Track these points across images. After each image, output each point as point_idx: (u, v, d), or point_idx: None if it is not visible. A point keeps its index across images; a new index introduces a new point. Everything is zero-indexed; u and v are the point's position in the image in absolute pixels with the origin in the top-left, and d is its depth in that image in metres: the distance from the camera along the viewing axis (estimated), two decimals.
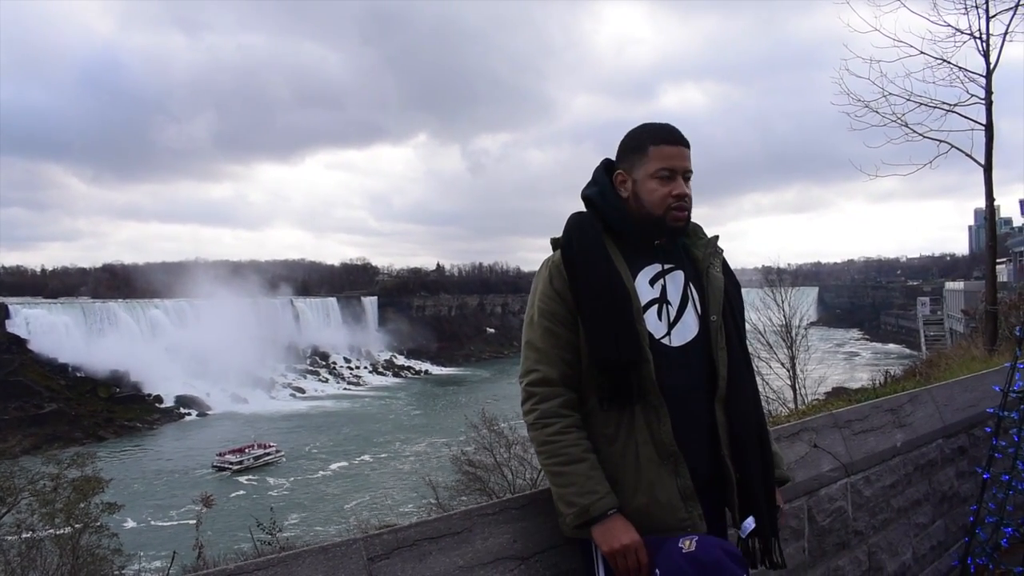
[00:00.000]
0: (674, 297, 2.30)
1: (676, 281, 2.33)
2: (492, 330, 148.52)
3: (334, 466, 60.84)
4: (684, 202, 2.29)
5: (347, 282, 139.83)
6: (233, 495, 48.85)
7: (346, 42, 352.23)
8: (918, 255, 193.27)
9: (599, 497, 2.17)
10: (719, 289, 2.35)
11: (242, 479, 55.98)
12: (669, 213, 2.28)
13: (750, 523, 2.32)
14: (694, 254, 2.41)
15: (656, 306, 2.28)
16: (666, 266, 2.33)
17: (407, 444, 67.15)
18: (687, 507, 2.22)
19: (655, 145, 2.29)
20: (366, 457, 63.16)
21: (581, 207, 2.39)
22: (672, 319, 2.28)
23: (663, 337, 2.26)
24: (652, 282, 2.30)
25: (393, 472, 56.91)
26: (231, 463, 60.88)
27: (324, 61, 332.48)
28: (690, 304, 2.32)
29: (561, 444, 2.22)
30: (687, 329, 2.29)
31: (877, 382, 12.15)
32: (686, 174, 2.32)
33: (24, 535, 12.75)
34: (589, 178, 2.42)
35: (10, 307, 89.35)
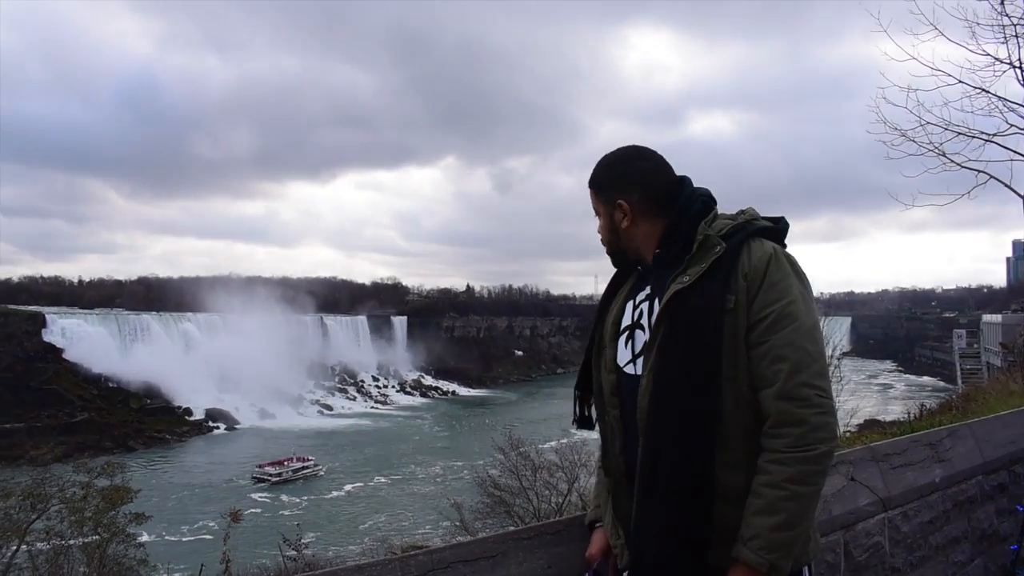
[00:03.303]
0: (645, 322, 2.24)
1: (648, 305, 2.27)
2: (520, 352, 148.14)
3: (359, 484, 60.81)
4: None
5: (377, 301, 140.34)
6: (250, 511, 48.95)
7: (375, 63, 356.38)
8: (954, 286, 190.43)
9: (591, 508, 2.46)
10: (662, 305, 2.14)
11: (257, 496, 56.00)
12: None
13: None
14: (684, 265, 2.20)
15: (626, 333, 2.29)
16: (646, 291, 2.29)
17: (431, 465, 66.96)
18: (616, 532, 2.29)
19: None
20: (391, 476, 63.07)
21: None
22: (641, 346, 2.23)
23: (627, 364, 2.26)
24: (635, 308, 2.30)
25: (416, 493, 56.74)
26: (271, 475, 61.75)
27: (354, 82, 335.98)
28: (649, 328, 2.22)
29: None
30: (644, 357, 2.21)
31: (912, 415, 11.98)
32: (594, 211, 2.42)
33: (53, 542, 12.86)
34: None
35: (47, 316, 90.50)
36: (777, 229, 2.23)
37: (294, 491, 58.46)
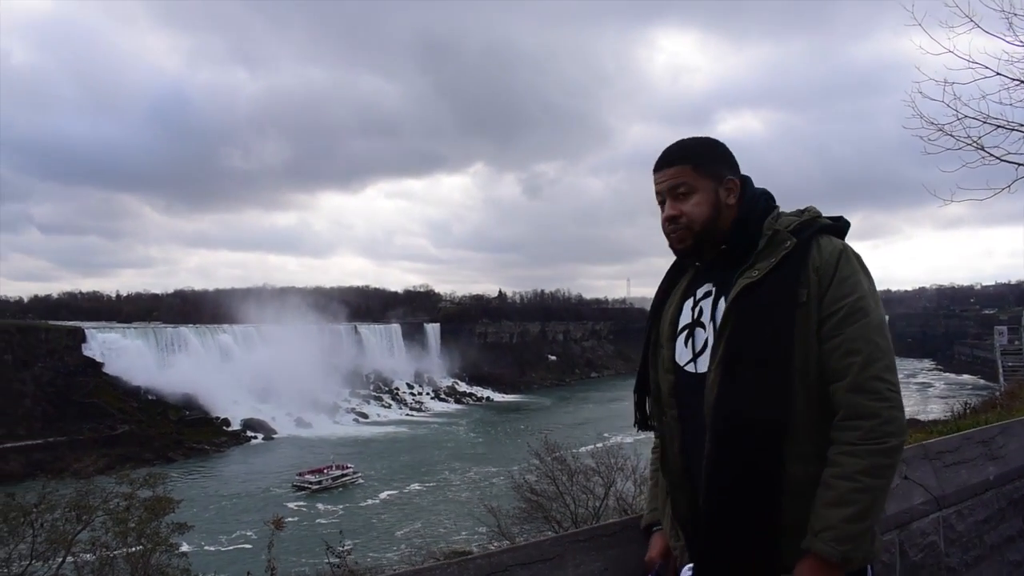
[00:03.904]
0: (707, 319, 2.23)
1: (710, 301, 2.26)
2: (554, 357, 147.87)
3: (394, 491, 61.06)
4: (677, 223, 2.26)
5: (410, 309, 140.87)
6: (287, 519, 49.13)
7: (402, 72, 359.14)
8: (993, 282, 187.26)
9: (647, 512, 2.46)
10: (730, 300, 2.14)
11: (294, 504, 56.29)
12: (669, 239, 2.30)
13: (685, 572, 2.17)
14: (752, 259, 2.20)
15: (685, 332, 2.28)
16: (708, 287, 2.28)
17: (466, 471, 67.04)
18: (675, 535, 2.28)
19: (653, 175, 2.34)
20: (427, 483, 63.16)
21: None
22: (702, 344, 2.22)
23: (687, 364, 2.25)
24: (694, 306, 2.29)
25: (452, 499, 56.80)
26: (311, 483, 62.22)
27: (381, 91, 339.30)
28: (712, 324, 2.22)
29: (650, 462, 2.54)
30: (710, 353, 2.19)
31: (956, 412, 11.77)
32: (676, 192, 2.26)
33: (99, 552, 13.01)
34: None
35: (87, 331, 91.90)
36: (840, 227, 2.25)
37: (331, 499, 58.74)
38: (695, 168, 2.25)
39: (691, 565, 2.13)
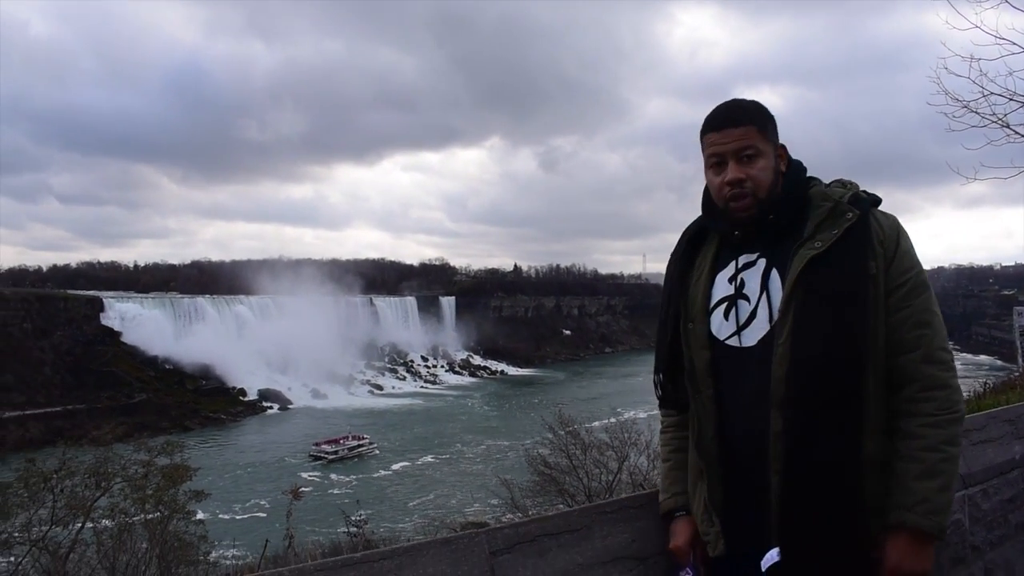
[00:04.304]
0: (753, 291, 2.14)
1: (757, 273, 2.15)
2: (568, 332, 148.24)
3: (407, 463, 61.68)
4: (741, 188, 2.13)
5: (425, 282, 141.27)
6: (301, 489, 49.43)
7: (418, 44, 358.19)
8: (1013, 263, 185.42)
9: (667, 496, 2.34)
10: (795, 272, 2.03)
11: (307, 474, 56.81)
12: (727, 204, 2.16)
13: (771, 556, 2.02)
14: (808, 231, 2.10)
15: (724, 304, 2.18)
16: (751, 258, 2.17)
17: (479, 444, 67.64)
18: (710, 520, 2.18)
19: (704, 133, 2.19)
20: (440, 455, 63.84)
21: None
22: (747, 316, 2.13)
23: (729, 338, 2.15)
24: (732, 278, 2.19)
25: (465, 471, 57.34)
26: (327, 452, 63.01)
27: (397, 63, 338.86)
28: (764, 296, 2.12)
29: (660, 443, 2.46)
30: (761, 326, 2.11)
31: (974, 392, 11.67)
32: (742, 154, 2.13)
33: (117, 519, 13.14)
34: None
35: (105, 301, 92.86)
36: (880, 201, 2.20)
37: (344, 470, 59.36)
38: (760, 131, 2.15)
39: (776, 549, 2.01)
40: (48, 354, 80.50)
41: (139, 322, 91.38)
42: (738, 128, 2.13)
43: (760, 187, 2.13)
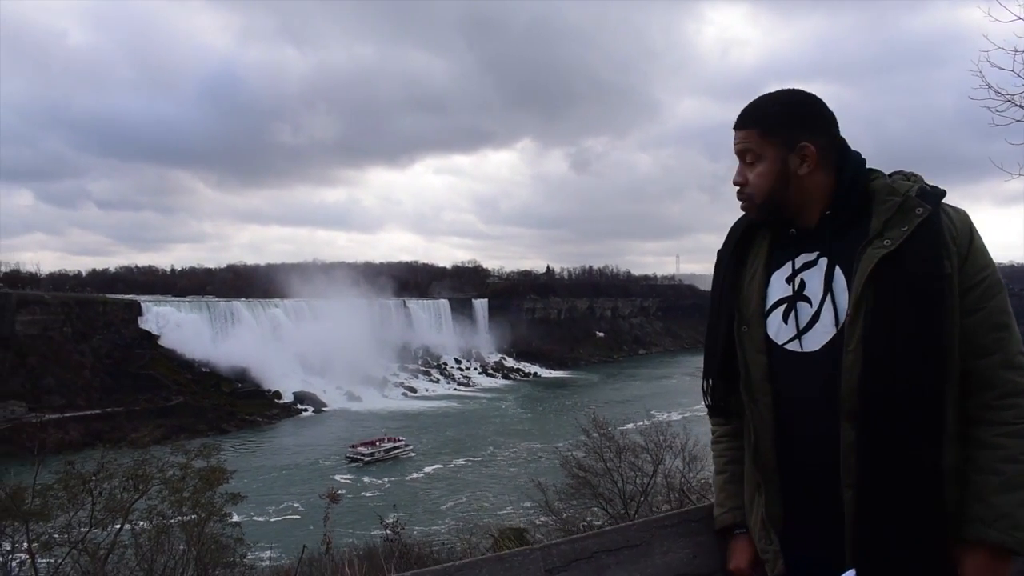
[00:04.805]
0: (814, 292, 1.99)
1: (819, 273, 2.01)
2: (601, 334, 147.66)
3: (441, 465, 61.80)
4: (740, 191, 2.09)
5: (458, 284, 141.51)
6: (336, 492, 49.60)
7: (449, 47, 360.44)
8: None
9: (722, 511, 2.17)
10: (865, 272, 1.89)
11: (341, 477, 57.07)
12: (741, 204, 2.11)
13: None
14: (874, 228, 1.95)
15: (783, 307, 2.04)
16: (810, 257, 2.03)
17: (513, 446, 67.51)
18: (768, 537, 2.04)
19: None
20: (473, 457, 63.89)
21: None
22: (809, 319, 1.99)
23: (788, 342, 2.01)
24: (790, 278, 2.05)
25: (498, 474, 57.32)
26: (363, 455, 63.33)
27: (429, 67, 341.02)
28: (828, 298, 1.97)
29: (712, 454, 2.29)
30: (825, 330, 1.96)
31: None
32: (744, 158, 2.07)
33: (155, 521, 13.26)
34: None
35: (143, 305, 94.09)
36: (945, 194, 2.03)
37: (377, 472, 59.53)
38: (762, 134, 2.03)
39: (852, 571, 1.87)
40: (88, 357, 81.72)
41: (176, 326, 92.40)
42: (741, 131, 2.08)
43: (758, 192, 2.06)
